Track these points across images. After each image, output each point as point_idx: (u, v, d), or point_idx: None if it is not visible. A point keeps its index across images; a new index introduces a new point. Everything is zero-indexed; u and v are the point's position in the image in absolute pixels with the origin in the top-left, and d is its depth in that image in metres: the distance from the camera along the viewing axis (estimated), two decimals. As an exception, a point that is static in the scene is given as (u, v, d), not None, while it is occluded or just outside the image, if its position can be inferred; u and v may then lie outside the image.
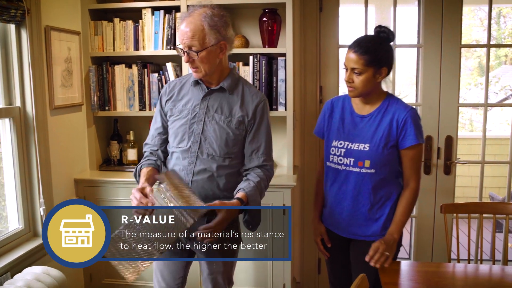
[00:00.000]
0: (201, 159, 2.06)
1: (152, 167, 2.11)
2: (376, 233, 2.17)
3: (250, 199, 1.97)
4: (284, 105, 2.92)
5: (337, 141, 2.22)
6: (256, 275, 3.01)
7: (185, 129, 2.08)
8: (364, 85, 2.09)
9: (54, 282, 2.26)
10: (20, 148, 2.55)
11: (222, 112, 2.06)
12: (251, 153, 2.10)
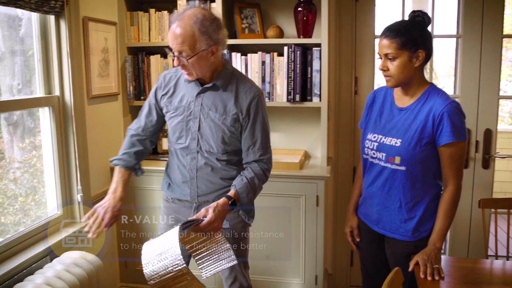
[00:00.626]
0: (202, 155, 2.10)
1: (128, 172, 2.17)
2: (406, 234, 2.09)
3: (240, 196, 2.03)
4: (318, 96, 2.89)
5: (372, 133, 2.15)
6: (288, 266, 3.01)
7: (182, 126, 2.11)
8: (400, 71, 1.97)
9: (91, 267, 2.32)
10: (59, 136, 2.62)
11: (216, 110, 2.06)
12: (248, 149, 2.11)
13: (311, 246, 2.94)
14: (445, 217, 2.02)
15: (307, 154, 3.28)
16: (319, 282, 2.99)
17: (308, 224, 2.91)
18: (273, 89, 2.94)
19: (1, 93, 2.39)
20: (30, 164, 2.64)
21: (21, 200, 2.55)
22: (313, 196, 2.86)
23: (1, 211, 2.42)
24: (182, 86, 2.12)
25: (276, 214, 2.94)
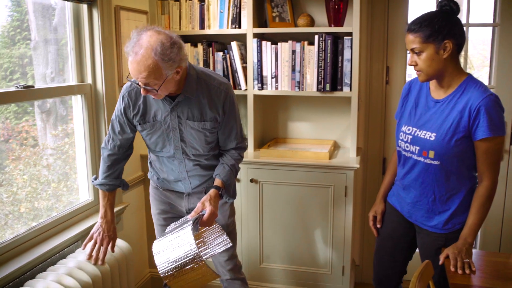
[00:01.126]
0: (189, 159, 2.18)
1: (114, 193, 2.26)
2: (438, 226, 2.06)
3: (226, 184, 2.14)
4: (349, 85, 2.86)
5: (406, 126, 2.11)
6: (315, 256, 3.00)
7: (163, 138, 2.14)
8: (428, 65, 1.92)
9: (120, 252, 2.36)
10: (90, 123, 2.66)
11: (194, 118, 2.08)
12: (225, 140, 2.20)
13: (338, 237, 2.92)
14: (479, 212, 1.97)
15: (336, 144, 3.25)
16: (346, 273, 2.98)
17: (336, 214, 2.89)
18: (303, 78, 2.91)
19: (35, 81, 2.43)
20: (62, 151, 2.68)
21: (53, 186, 2.60)
22: (341, 187, 2.84)
23: (34, 196, 2.47)
24: (151, 102, 2.09)
25: (304, 204, 2.93)
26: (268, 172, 2.93)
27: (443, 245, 2.06)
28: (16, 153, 2.39)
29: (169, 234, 1.94)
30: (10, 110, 2.37)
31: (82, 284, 2.04)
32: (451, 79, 1.98)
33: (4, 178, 2.31)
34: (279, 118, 3.34)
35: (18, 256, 2.14)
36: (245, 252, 3.10)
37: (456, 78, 1.97)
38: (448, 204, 2.04)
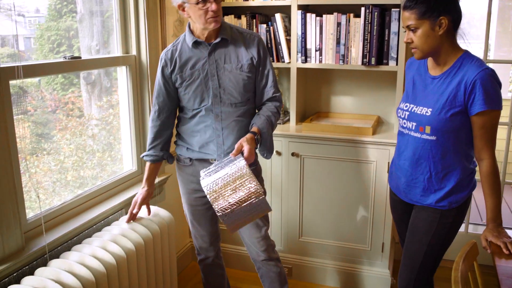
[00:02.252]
0: (225, 110, 2.18)
1: (159, 164, 2.35)
2: (432, 204, 2.04)
3: (262, 131, 2.14)
4: (395, 59, 2.77)
5: (404, 103, 2.09)
6: (355, 231, 2.98)
7: (202, 88, 2.16)
8: (423, 41, 1.89)
9: (163, 222, 2.40)
10: (135, 94, 2.69)
11: (231, 61, 2.15)
12: (262, 88, 2.23)
13: (379, 213, 2.88)
14: (493, 191, 1.94)
15: (380, 120, 3.19)
16: (385, 250, 2.95)
17: (377, 190, 2.85)
18: (348, 51, 2.84)
19: (81, 53, 2.46)
20: (107, 121, 2.73)
21: (98, 155, 2.66)
22: (384, 163, 2.79)
23: (80, 165, 2.54)
24: (188, 53, 2.16)
25: (345, 179, 2.90)
26: (310, 146, 2.90)
27: (436, 221, 2.04)
28: (63, 123, 2.45)
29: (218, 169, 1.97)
30: (57, 81, 2.42)
31: (125, 251, 2.10)
32: (447, 55, 1.95)
33: (52, 147, 2.37)
34: (322, 92, 3.29)
35: (65, 221, 2.21)
36: (284, 225, 3.10)
37: (452, 54, 1.95)
38: (444, 182, 2.01)
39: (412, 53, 1.99)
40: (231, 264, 3.28)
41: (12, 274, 1.87)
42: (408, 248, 2.13)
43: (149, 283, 2.30)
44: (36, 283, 1.78)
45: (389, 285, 2.99)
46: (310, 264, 3.14)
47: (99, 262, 1.96)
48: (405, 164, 2.09)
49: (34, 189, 2.13)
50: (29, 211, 2.08)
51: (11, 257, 1.86)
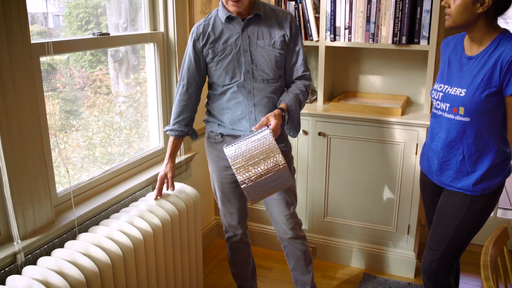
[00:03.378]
0: (258, 86, 2.17)
1: (180, 140, 2.35)
2: (466, 188, 1.98)
3: (290, 109, 2.13)
4: (427, 38, 2.70)
5: (438, 84, 2.03)
6: (381, 213, 2.96)
7: (234, 64, 2.15)
8: (459, 12, 1.82)
9: (189, 199, 2.42)
10: (162, 71, 2.69)
11: (264, 37, 2.15)
12: (292, 66, 2.22)
13: (406, 195, 2.85)
14: None
15: (409, 100, 3.13)
16: (411, 232, 2.92)
17: (405, 172, 2.81)
18: (378, 30, 2.78)
19: (108, 31, 2.46)
20: (134, 99, 2.75)
21: (125, 132, 2.68)
22: (412, 144, 2.74)
23: (108, 142, 2.56)
24: (220, 29, 2.16)
25: (372, 160, 2.87)
26: (337, 126, 2.87)
27: (466, 206, 2.00)
28: (91, 100, 2.47)
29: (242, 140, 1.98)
30: (85, 59, 2.44)
31: (152, 226, 2.12)
32: (483, 34, 1.87)
33: (81, 124, 2.40)
34: (350, 71, 3.24)
35: (93, 197, 2.24)
36: (310, 205, 3.10)
37: (489, 34, 1.87)
38: (477, 165, 1.96)
39: (445, 19, 1.92)
40: (256, 242, 3.29)
41: (43, 246, 1.91)
42: (435, 231, 2.11)
43: (175, 259, 2.33)
44: (66, 255, 1.82)
45: (414, 268, 2.97)
46: (334, 244, 3.13)
47: (127, 236, 1.99)
48: (437, 146, 2.05)
49: (64, 164, 2.16)
50: (58, 185, 2.11)
51: (42, 229, 1.90)
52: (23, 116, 1.75)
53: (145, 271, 2.10)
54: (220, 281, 2.98)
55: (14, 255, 1.78)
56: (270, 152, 1.89)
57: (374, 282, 2.93)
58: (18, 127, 1.74)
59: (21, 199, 1.80)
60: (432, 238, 2.12)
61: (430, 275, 2.11)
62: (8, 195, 1.76)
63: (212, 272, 3.08)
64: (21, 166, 1.78)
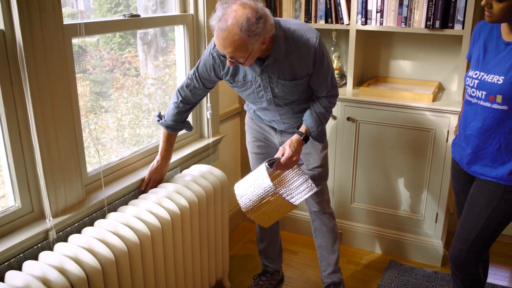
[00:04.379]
0: (282, 107, 2.19)
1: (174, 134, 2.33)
2: (502, 177, 1.92)
3: (311, 131, 2.14)
4: (461, 23, 2.62)
5: (473, 70, 1.96)
6: (409, 200, 2.92)
7: (254, 97, 2.16)
8: (503, 14, 1.77)
9: (216, 181, 2.43)
10: (191, 53, 2.69)
11: (285, 77, 2.06)
12: (316, 88, 2.15)
13: (435, 183, 2.81)
14: None
15: (441, 86, 3.06)
16: (439, 220, 2.88)
17: (434, 159, 2.76)
18: (411, 13, 2.71)
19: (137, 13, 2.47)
20: (162, 81, 2.76)
21: (154, 114, 2.69)
22: (443, 131, 2.69)
23: (136, 123, 2.59)
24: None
25: (402, 147, 2.83)
26: (366, 111, 2.84)
27: (498, 196, 1.94)
28: (120, 82, 2.49)
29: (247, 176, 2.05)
30: (114, 41, 2.45)
31: (180, 207, 2.14)
32: None
33: (110, 105, 2.42)
34: (381, 56, 3.18)
35: (123, 177, 2.27)
36: (337, 190, 3.08)
37: None
38: None
39: (485, 15, 1.86)
40: (284, 227, 3.30)
41: (74, 224, 1.95)
42: (465, 219, 2.07)
43: (201, 240, 2.36)
44: (95, 233, 1.86)
45: (440, 257, 2.93)
46: (360, 230, 3.11)
47: (155, 217, 2.01)
48: (472, 134, 1.99)
49: (94, 145, 2.19)
50: (88, 166, 2.14)
51: (73, 208, 1.94)
52: (55, 96, 1.78)
53: (172, 251, 2.13)
54: (246, 263, 3.00)
55: (46, 232, 1.82)
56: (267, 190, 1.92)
57: (399, 270, 2.91)
58: (51, 107, 1.77)
59: (53, 177, 1.83)
60: (462, 227, 2.08)
61: (458, 264, 2.08)
62: (41, 174, 1.79)
63: (238, 254, 3.10)
64: (53, 145, 1.81)
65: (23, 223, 1.81)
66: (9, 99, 1.68)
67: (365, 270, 2.94)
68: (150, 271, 2.01)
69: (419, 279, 2.82)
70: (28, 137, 1.75)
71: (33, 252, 1.78)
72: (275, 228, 2.62)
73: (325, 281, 2.58)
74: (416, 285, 2.77)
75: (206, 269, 2.45)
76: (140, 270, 1.95)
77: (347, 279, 2.81)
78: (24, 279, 1.57)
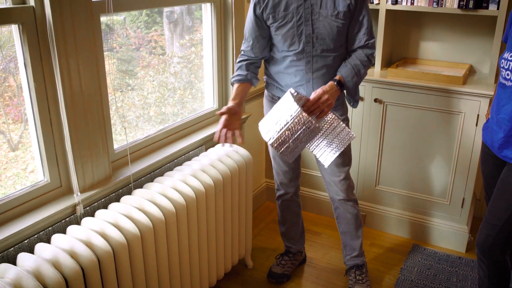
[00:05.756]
0: (317, 57, 2.12)
1: (244, 84, 2.23)
2: None
3: (346, 80, 2.09)
4: (496, 3, 2.53)
5: (508, 52, 1.89)
6: (435, 184, 2.89)
7: (293, 32, 2.09)
8: None
9: (241, 160, 2.43)
10: (218, 32, 2.67)
11: (327, 7, 2.05)
12: (354, 35, 2.13)
13: (463, 167, 2.76)
14: None
15: (472, 69, 2.99)
16: (465, 205, 2.83)
17: (463, 143, 2.71)
18: (443, -7, 2.65)
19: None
20: (188, 59, 2.76)
21: (179, 93, 2.70)
22: (473, 115, 2.63)
23: (162, 102, 2.60)
24: None
25: (429, 130, 2.78)
26: (394, 93, 2.79)
27: None
28: (146, 60, 2.50)
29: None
30: (141, 19, 2.45)
31: (205, 185, 2.15)
32: None
33: (136, 83, 2.43)
34: (410, 37, 3.11)
35: (148, 154, 2.29)
36: (362, 172, 3.06)
37: None
38: None
39: None
40: (306, 207, 3.30)
41: (101, 199, 1.98)
42: (494, 205, 2.03)
43: (225, 218, 2.37)
44: (121, 209, 1.88)
45: (465, 242, 2.90)
46: (384, 213, 3.09)
47: (180, 194, 2.03)
48: (505, 118, 1.93)
49: (121, 122, 2.21)
50: (114, 143, 2.17)
51: (100, 183, 1.97)
52: (84, 73, 1.79)
53: (196, 229, 2.15)
54: (268, 243, 3.02)
55: (74, 206, 1.85)
56: (288, 108, 1.86)
57: (423, 254, 2.89)
58: (80, 84, 1.78)
59: (81, 153, 1.86)
60: (491, 212, 2.05)
61: (485, 249, 2.05)
62: (69, 149, 1.82)
63: (261, 234, 3.12)
64: (81, 122, 1.83)
65: (52, 198, 1.85)
66: (39, 75, 1.70)
67: (388, 253, 2.92)
68: (174, 247, 2.03)
69: (443, 264, 2.79)
70: (57, 112, 1.78)
71: (61, 226, 1.81)
72: (296, 211, 2.62)
73: (348, 264, 2.58)
74: (439, 270, 2.74)
75: (229, 248, 2.48)
76: (165, 247, 1.97)
77: (369, 261, 2.81)
78: (53, 252, 1.60)
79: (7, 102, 1.91)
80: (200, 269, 2.26)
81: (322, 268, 2.77)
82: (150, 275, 1.93)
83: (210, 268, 2.35)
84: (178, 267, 2.09)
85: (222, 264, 2.45)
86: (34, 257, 1.57)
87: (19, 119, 1.94)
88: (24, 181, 1.90)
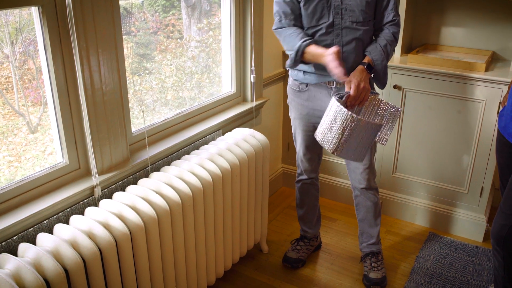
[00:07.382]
0: (347, 29, 2.11)
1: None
2: None
3: (375, 63, 2.12)
4: (521, -13, 2.49)
5: None
6: (454, 173, 2.85)
7: (323, 4, 2.09)
8: None
9: (258, 144, 2.43)
10: (237, 17, 2.65)
11: None
12: (383, 11, 2.15)
13: (482, 156, 2.72)
14: None
15: (494, 56, 2.93)
16: (484, 195, 2.80)
17: (483, 132, 2.67)
18: (467, -23, 2.59)
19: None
20: (206, 44, 2.75)
21: (197, 77, 2.70)
22: (494, 103, 2.58)
23: (179, 86, 2.60)
24: None
25: (450, 117, 2.74)
26: (414, 79, 2.75)
27: None
28: (163, 44, 2.49)
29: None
30: (159, 3, 2.44)
31: (221, 169, 2.16)
32: None
33: (154, 67, 2.44)
34: (432, 22, 3.05)
35: (166, 138, 2.30)
36: (379, 159, 3.03)
37: None
38: None
39: None
40: (323, 194, 3.29)
41: (118, 182, 2.00)
42: (509, 194, 2.00)
43: (241, 202, 2.38)
44: (139, 192, 1.90)
45: (483, 232, 2.87)
46: (401, 201, 3.07)
47: (196, 178, 2.04)
48: None
49: (139, 105, 2.22)
50: (132, 126, 2.18)
51: (118, 166, 1.98)
52: (103, 56, 1.80)
53: (212, 213, 2.16)
54: (284, 228, 3.02)
55: (92, 188, 1.87)
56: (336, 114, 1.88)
57: (439, 242, 2.87)
58: (98, 67, 1.79)
59: (99, 135, 1.87)
60: (506, 201, 2.02)
61: (499, 239, 2.03)
62: (88, 132, 1.83)
63: (276, 219, 3.12)
64: (99, 104, 1.84)
65: (70, 179, 1.87)
66: (58, 57, 1.71)
67: (404, 241, 2.91)
68: (190, 230, 2.05)
69: (459, 253, 2.77)
70: (76, 95, 1.79)
71: (79, 207, 1.84)
72: (315, 194, 2.62)
73: (364, 250, 2.58)
74: (455, 258, 2.72)
75: (245, 232, 2.49)
76: (181, 230, 1.99)
77: (385, 249, 2.80)
78: (71, 232, 1.63)
79: (26, 85, 1.93)
80: (215, 252, 2.28)
81: (337, 254, 2.78)
82: (166, 257, 1.95)
83: (225, 252, 2.36)
84: (194, 250, 2.11)
85: (238, 248, 2.46)
86: (53, 237, 1.59)
87: (38, 101, 1.96)
88: (43, 163, 1.92)
